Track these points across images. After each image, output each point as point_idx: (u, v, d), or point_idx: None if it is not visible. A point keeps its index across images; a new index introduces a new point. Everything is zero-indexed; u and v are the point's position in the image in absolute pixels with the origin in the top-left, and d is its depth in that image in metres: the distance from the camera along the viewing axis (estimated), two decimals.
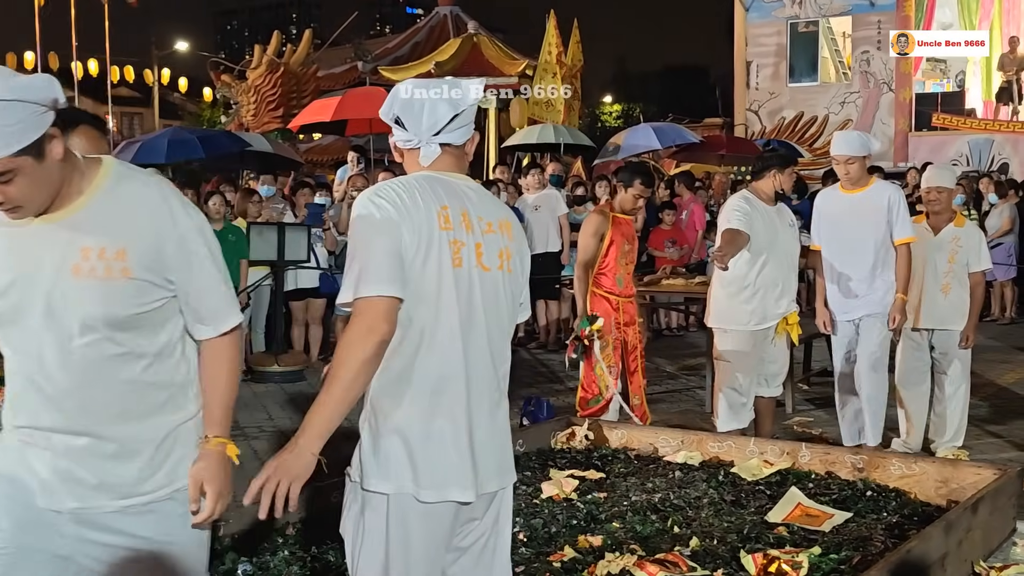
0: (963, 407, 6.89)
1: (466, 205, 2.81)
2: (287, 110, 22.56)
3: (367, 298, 2.62)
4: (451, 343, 2.74)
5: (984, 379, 9.52)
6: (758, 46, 24.82)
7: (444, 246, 2.72)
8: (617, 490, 5.36)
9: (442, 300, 2.72)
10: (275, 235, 10.29)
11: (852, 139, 6.56)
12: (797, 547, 4.46)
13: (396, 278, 2.65)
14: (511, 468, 2.94)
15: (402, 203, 2.69)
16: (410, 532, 2.73)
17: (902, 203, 6.55)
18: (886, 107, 23.36)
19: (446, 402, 2.74)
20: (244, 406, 8.99)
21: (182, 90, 35.39)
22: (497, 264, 2.84)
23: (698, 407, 8.54)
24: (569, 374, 9.98)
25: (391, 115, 2.86)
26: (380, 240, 2.65)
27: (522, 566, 4.31)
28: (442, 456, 2.73)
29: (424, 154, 2.84)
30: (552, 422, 6.67)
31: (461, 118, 2.85)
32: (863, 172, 6.60)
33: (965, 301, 6.75)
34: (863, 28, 23.76)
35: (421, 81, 2.91)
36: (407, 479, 2.70)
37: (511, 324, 2.94)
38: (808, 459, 5.69)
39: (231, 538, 4.50)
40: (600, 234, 6.74)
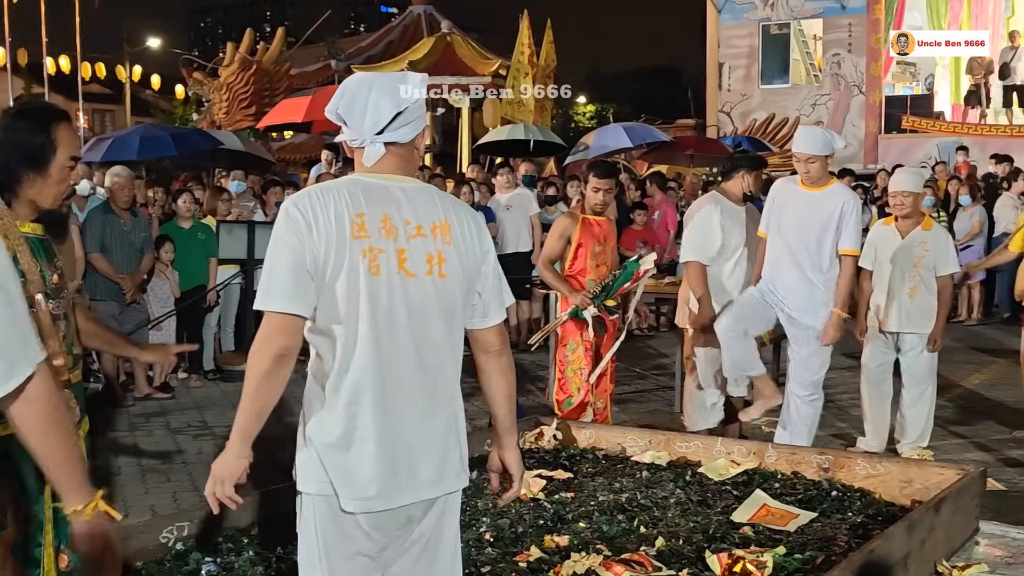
0: (929, 409, 6.92)
1: (389, 210, 2.74)
2: (259, 108, 22.46)
3: (267, 312, 2.69)
4: (367, 351, 2.70)
5: (949, 380, 9.60)
6: (730, 48, 24.93)
7: (357, 255, 2.68)
8: (584, 490, 5.38)
9: (355, 309, 2.69)
10: (245, 233, 10.25)
11: (816, 136, 6.34)
12: (762, 547, 4.49)
13: (294, 295, 2.66)
14: (457, 473, 2.87)
15: (312, 215, 2.67)
16: (335, 535, 2.74)
17: (855, 213, 6.33)
18: (856, 109, 23.51)
19: (362, 411, 2.71)
20: (213, 405, 8.96)
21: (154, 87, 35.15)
22: (425, 270, 2.76)
23: (667, 407, 8.56)
24: (538, 374, 9.99)
25: (335, 114, 2.82)
26: (285, 254, 2.66)
27: (488, 566, 4.31)
28: (360, 465, 2.70)
29: (368, 154, 2.80)
30: (520, 422, 6.66)
31: (405, 115, 2.78)
32: (824, 172, 6.38)
33: (932, 304, 6.76)
34: (834, 31, 23.91)
35: (366, 77, 2.84)
36: (327, 483, 2.71)
37: (451, 328, 2.84)
38: (774, 459, 5.72)
39: (196, 538, 4.48)
40: (566, 236, 6.66)
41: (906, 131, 22.49)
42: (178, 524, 4.49)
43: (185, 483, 6.61)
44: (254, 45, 23.94)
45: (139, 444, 7.66)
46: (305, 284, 2.67)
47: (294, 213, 2.69)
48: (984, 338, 12.28)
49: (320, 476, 2.72)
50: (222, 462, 2.74)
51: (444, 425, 2.83)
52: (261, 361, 2.68)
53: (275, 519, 4.55)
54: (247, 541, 4.52)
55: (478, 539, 4.63)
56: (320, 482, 2.72)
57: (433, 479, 2.80)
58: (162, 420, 8.45)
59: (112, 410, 8.61)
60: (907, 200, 6.76)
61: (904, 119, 22.48)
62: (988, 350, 11.34)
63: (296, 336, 2.70)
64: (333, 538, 2.75)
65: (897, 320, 6.78)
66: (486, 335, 2.94)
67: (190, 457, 7.23)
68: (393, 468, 2.73)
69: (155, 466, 7.02)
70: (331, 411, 2.72)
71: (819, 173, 6.31)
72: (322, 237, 2.66)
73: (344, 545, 2.75)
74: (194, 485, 6.54)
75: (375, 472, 2.71)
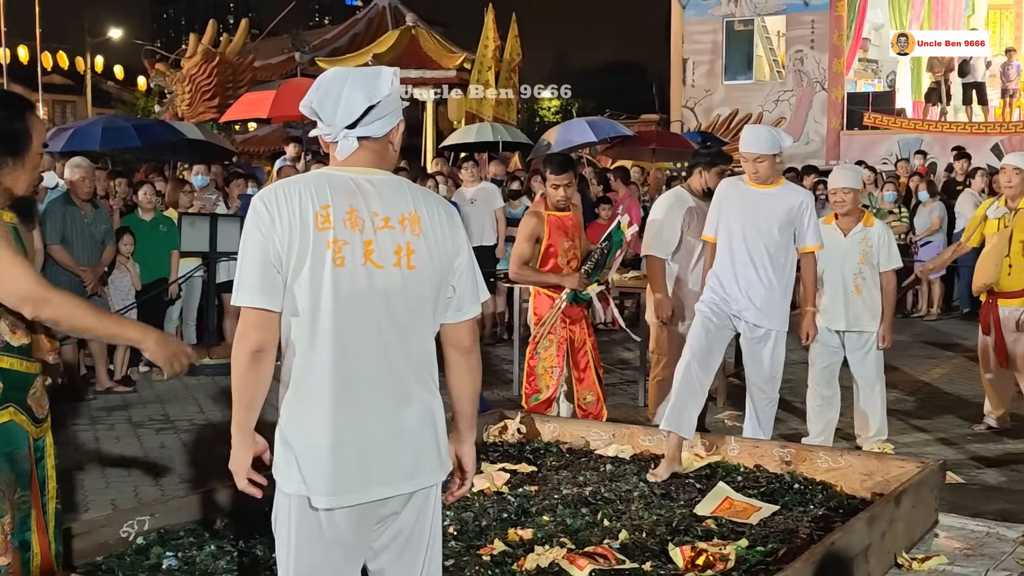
0: (882, 404, 6.88)
1: (356, 202, 2.74)
2: (223, 100, 22.30)
3: (242, 307, 2.71)
4: (331, 342, 2.70)
5: (910, 375, 9.70)
6: (694, 44, 25.01)
7: (321, 246, 2.68)
8: (548, 483, 5.38)
9: (320, 302, 2.69)
10: (207, 226, 10.18)
11: (762, 136, 6.09)
12: (725, 539, 4.52)
13: (263, 288, 2.68)
14: (435, 466, 2.85)
15: (276, 208, 2.68)
16: (309, 532, 2.73)
17: (813, 210, 6.19)
18: (819, 106, 23.67)
19: (331, 405, 2.70)
20: (175, 398, 8.89)
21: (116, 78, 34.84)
22: (392, 261, 2.75)
23: (631, 401, 8.59)
24: (503, 368, 10.00)
25: (309, 108, 2.81)
26: (252, 249, 2.69)
27: (452, 560, 4.31)
28: (331, 461, 2.70)
29: (340, 148, 2.79)
30: (485, 416, 6.66)
31: (378, 110, 2.76)
32: (773, 170, 6.15)
33: (877, 301, 6.72)
34: (797, 27, 24.05)
35: (340, 72, 2.83)
36: (300, 481, 2.71)
37: (421, 320, 2.82)
38: (737, 452, 5.75)
39: (157, 532, 4.45)
40: (534, 237, 6.53)
41: (868, 128, 22.67)
42: (139, 518, 4.46)
43: (146, 477, 6.56)
44: (217, 37, 23.76)
45: (100, 438, 7.59)
46: (272, 278, 2.68)
47: (259, 207, 2.70)
48: (944, 333, 12.41)
49: (296, 474, 2.71)
50: (231, 458, 2.80)
51: (417, 418, 2.81)
52: (240, 357, 2.72)
53: (237, 513, 4.53)
54: (209, 535, 4.49)
55: (442, 532, 4.62)
56: (295, 480, 2.72)
57: (407, 473, 2.78)
58: (124, 414, 8.37)
59: (73, 403, 8.52)
60: (847, 197, 6.68)
61: (866, 116, 22.65)
62: (948, 345, 11.46)
63: (271, 330, 2.71)
64: (306, 537, 2.74)
65: (843, 318, 6.73)
66: (458, 330, 2.93)
67: (152, 451, 7.18)
68: (363, 463, 2.72)
69: (116, 460, 6.96)
70: (300, 406, 2.73)
71: (768, 172, 6.10)
72: (285, 229, 2.67)
73: (318, 544, 2.74)
74: (156, 479, 6.49)
75: (344, 467, 2.70)
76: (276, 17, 28.87)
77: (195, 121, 20.93)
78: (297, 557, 2.75)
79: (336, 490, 2.70)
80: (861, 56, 24.65)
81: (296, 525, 2.74)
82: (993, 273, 7.09)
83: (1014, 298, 7.12)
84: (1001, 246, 7.08)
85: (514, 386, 8.99)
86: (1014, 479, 6.34)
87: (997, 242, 7.11)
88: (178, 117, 21.61)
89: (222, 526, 4.57)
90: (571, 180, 6.56)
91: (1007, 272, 7.08)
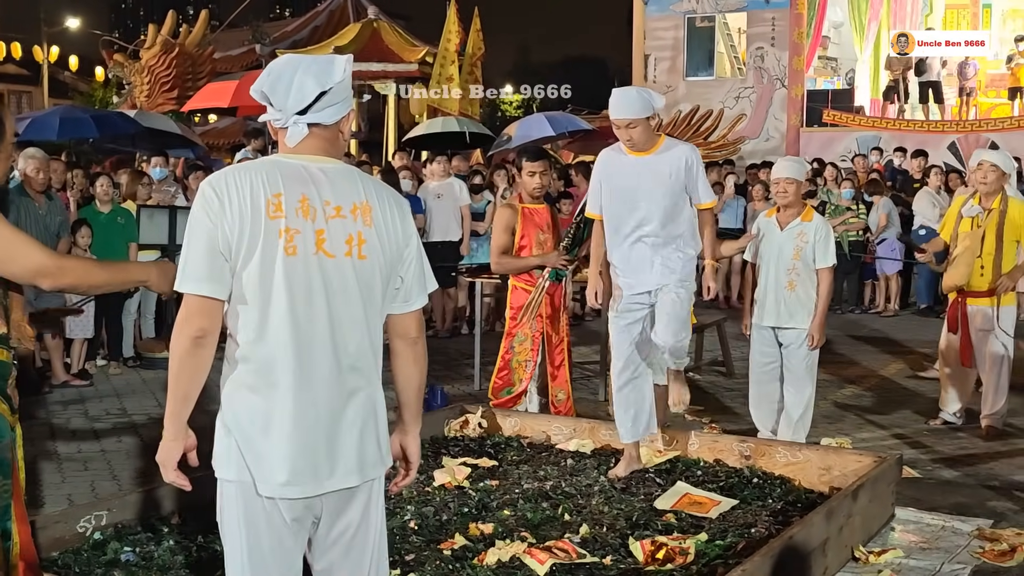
0: (809, 406, 6.64)
1: (308, 190, 2.71)
2: (182, 92, 22.09)
3: (185, 294, 2.68)
4: (280, 332, 2.67)
5: (867, 369, 9.79)
6: (656, 40, 25.05)
7: (273, 235, 2.66)
8: (509, 478, 5.40)
9: (271, 290, 2.66)
10: (166, 219, 10.08)
11: (632, 99, 5.48)
12: (684, 533, 4.55)
13: (210, 276, 2.65)
14: (376, 461, 2.82)
15: (227, 194, 2.65)
16: (257, 520, 2.71)
17: (700, 163, 5.68)
18: (779, 102, 23.78)
19: (279, 395, 2.68)
20: (132, 392, 8.81)
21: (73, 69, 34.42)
22: (344, 251, 2.73)
23: (591, 396, 8.61)
24: (463, 362, 10.00)
25: (260, 92, 2.78)
26: (199, 236, 2.66)
27: (412, 554, 4.30)
28: (277, 450, 2.67)
29: (291, 134, 2.76)
30: (446, 410, 6.67)
31: (329, 96, 2.73)
32: (649, 133, 5.58)
33: (812, 298, 6.54)
34: (758, 24, 24.15)
35: (293, 58, 2.80)
36: (245, 469, 2.69)
37: (371, 311, 2.80)
38: (697, 447, 5.79)
39: (114, 527, 4.42)
40: (510, 228, 6.60)
41: (827, 125, 22.82)
42: (96, 513, 4.43)
43: (103, 472, 6.49)
44: (177, 27, 23.53)
45: (56, 432, 7.51)
46: (220, 265, 2.65)
47: (209, 193, 2.67)
48: (901, 329, 12.53)
49: (239, 462, 2.69)
50: (160, 448, 2.75)
51: (363, 411, 2.79)
52: (180, 342, 2.68)
53: (196, 507, 4.50)
54: (167, 530, 4.47)
55: (402, 527, 4.62)
56: (239, 468, 2.69)
57: (352, 467, 2.75)
58: (80, 408, 8.29)
59: (28, 397, 8.42)
60: (790, 187, 6.53)
61: (825, 113, 22.79)
62: (905, 340, 11.57)
63: (214, 318, 2.68)
64: (254, 525, 2.71)
65: (775, 314, 6.58)
66: (405, 320, 2.91)
67: (108, 445, 7.11)
68: (311, 454, 2.70)
69: (72, 455, 6.89)
70: (248, 395, 2.69)
71: (644, 136, 5.54)
72: (236, 217, 2.64)
73: (266, 532, 2.71)
74: (113, 474, 6.43)
75: (292, 457, 2.67)
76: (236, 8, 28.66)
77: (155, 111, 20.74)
78: (249, 541, 2.72)
79: (283, 480, 2.67)
80: (821, 54, 24.80)
81: (244, 511, 2.71)
82: (965, 274, 7.10)
83: (983, 297, 7.17)
84: (974, 246, 7.08)
85: (475, 380, 8.99)
86: (969, 474, 6.42)
87: (970, 243, 7.10)
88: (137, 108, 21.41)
89: (180, 521, 4.54)
90: (546, 168, 6.65)
91: (979, 272, 7.10)
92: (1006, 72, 22.86)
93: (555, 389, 6.69)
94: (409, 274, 2.88)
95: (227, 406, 2.72)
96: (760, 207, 12.88)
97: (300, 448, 2.68)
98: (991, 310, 7.16)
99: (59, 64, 34.92)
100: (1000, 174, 7.09)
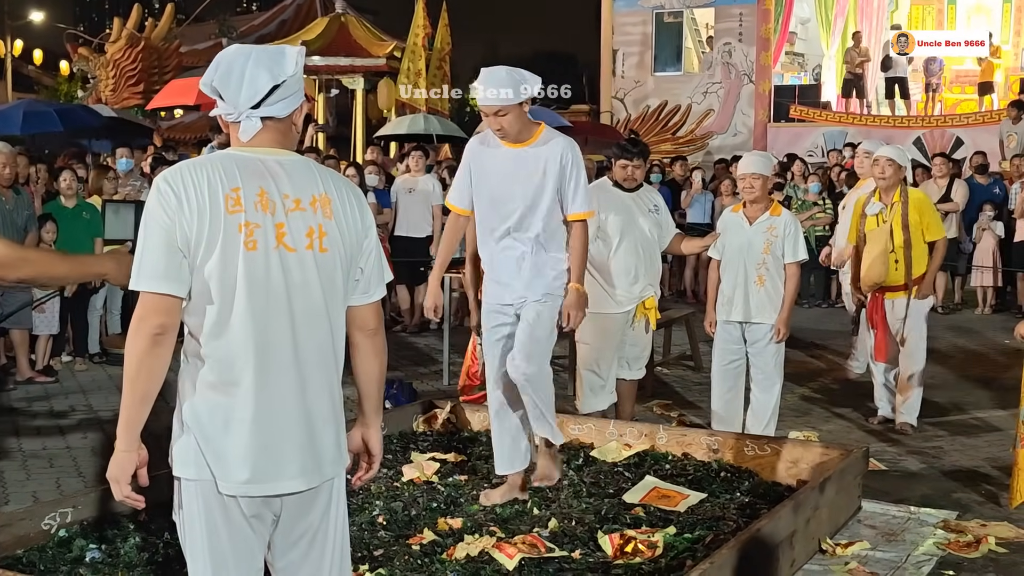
0: (776, 401, 6.65)
1: (266, 184, 2.67)
2: (148, 86, 21.94)
3: (141, 292, 2.60)
4: (241, 328, 2.62)
5: (834, 363, 9.84)
6: (624, 35, 25.11)
7: (233, 230, 2.61)
8: (478, 473, 5.39)
9: (230, 285, 2.61)
10: (132, 214, 9.97)
11: (501, 80, 4.86)
12: (653, 527, 4.56)
13: (168, 274, 2.58)
14: (335, 459, 2.79)
15: (184, 190, 2.60)
16: (216, 518, 2.66)
17: (579, 165, 5.01)
18: (746, 98, 23.90)
19: (241, 392, 2.63)
20: (98, 389, 8.74)
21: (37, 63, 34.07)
22: (305, 244, 2.69)
23: (560, 390, 8.60)
24: (433, 357, 9.98)
25: (209, 86, 2.72)
26: (156, 232, 2.59)
27: (381, 550, 4.30)
28: (237, 448, 2.63)
29: (244, 128, 2.71)
30: (414, 405, 6.66)
31: (283, 89, 2.69)
32: (523, 121, 4.91)
33: (780, 292, 6.52)
34: (725, 20, 24.26)
35: (242, 49, 2.74)
36: (205, 467, 2.64)
37: (335, 305, 2.77)
38: (665, 441, 5.81)
39: (80, 524, 4.38)
40: None
41: (794, 120, 22.97)
42: (61, 510, 4.39)
43: (69, 469, 6.44)
44: (142, 21, 23.35)
45: (20, 429, 7.44)
46: (177, 263, 2.59)
47: (164, 189, 2.61)
48: None
49: (198, 460, 2.64)
50: (112, 461, 2.65)
51: (323, 408, 2.75)
52: (137, 341, 2.59)
53: (162, 505, 4.46)
54: (133, 527, 4.43)
55: (371, 522, 4.61)
56: (198, 466, 2.64)
57: (312, 466, 2.72)
58: (45, 404, 8.21)
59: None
60: (756, 183, 6.50)
61: (792, 108, 22.95)
62: None
63: (173, 315, 2.61)
64: (214, 523, 2.67)
65: (743, 309, 6.55)
66: (365, 312, 2.87)
67: (74, 442, 7.05)
68: (272, 451, 2.66)
69: (37, 451, 6.82)
70: (207, 393, 2.64)
71: (518, 126, 4.88)
72: (194, 213, 2.59)
73: (225, 529, 2.67)
74: (78, 471, 6.38)
75: (253, 455, 2.64)
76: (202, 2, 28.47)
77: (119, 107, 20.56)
78: (210, 540, 2.67)
79: (244, 478, 2.63)
80: (788, 49, 24.95)
81: (204, 509, 2.66)
82: (882, 272, 7.10)
83: (900, 290, 7.21)
84: (884, 242, 7.11)
85: (444, 376, 8.98)
86: (934, 465, 6.48)
87: (880, 240, 7.12)
88: (102, 103, 21.23)
89: (146, 518, 4.51)
90: None
91: (894, 267, 7.14)
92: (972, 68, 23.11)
93: None
94: (368, 265, 2.85)
95: (186, 404, 2.67)
96: (728, 202, 12.92)
97: (261, 446, 2.64)
98: (907, 301, 7.19)
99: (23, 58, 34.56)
100: (897, 167, 7.16)
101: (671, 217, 7.10)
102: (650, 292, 6.61)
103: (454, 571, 4.11)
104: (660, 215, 6.75)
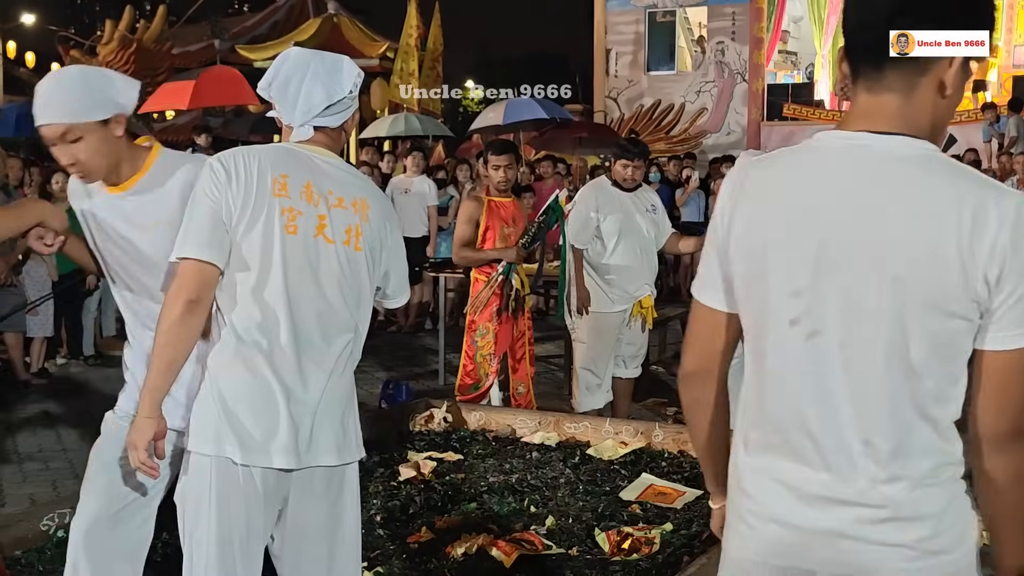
0: None
1: (313, 178, 2.78)
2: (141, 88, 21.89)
3: (184, 259, 2.66)
4: (276, 306, 2.70)
5: None
6: (617, 34, 25.13)
7: (275, 211, 2.70)
8: (475, 471, 5.40)
9: (268, 263, 2.69)
10: None
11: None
12: (650, 524, 4.57)
13: (212, 243, 2.65)
14: (353, 446, 2.87)
15: (234, 167, 2.69)
16: (229, 493, 2.69)
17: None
18: (740, 97, 23.93)
19: (268, 366, 2.70)
20: (93, 390, 8.74)
21: (29, 65, 33.99)
22: (343, 239, 2.79)
23: (556, 389, 8.63)
24: (429, 357, 9.99)
25: (268, 94, 2.85)
26: (204, 205, 2.67)
27: (378, 549, 4.30)
28: (262, 419, 2.68)
29: (296, 135, 2.84)
30: (411, 404, 6.66)
31: (338, 105, 2.83)
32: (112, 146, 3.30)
33: None
34: (718, 19, 24.28)
35: (302, 58, 2.84)
36: (225, 440, 2.67)
37: (359, 300, 2.86)
38: (662, 439, 5.81)
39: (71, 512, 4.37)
40: (473, 220, 6.58)
41: (787, 119, 23.00)
42: (59, 512, 4.39)
43: (65, 471, 6.44)
44: (134, 23, 23.33)
45: (16, 431, 7.44)
46: (221, 234, 2.67)
47: (217, 167, 2.71)
48: None
49: (218, 436, 2.67)
50: (132, 427, 2.70)
51: (344, 396, 2.84)
52: (172, 309, 2.64)
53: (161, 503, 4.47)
54: None
55: (368, 521, 4.61)
56: (218, 442, 2.68)
57: (334, 446, 2.79)
58: (40, 406, 8.21)
59: None
60: None
61: (785, 107, 22.99)
62: None
63: (210, 286, 2.67)
64: (225, 497, 2.69)
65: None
66: None
67: (70, 444, 7.05)
68: (296, 428, 2.71)
69: (33, 454, 6.82)
70: (237, 370, 2.69)
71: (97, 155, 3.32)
72: (241, 188, 2.68)
73: (238, 507, 2.70)
74: (74, 472, 6.37)
75: (278, 430, 2.69)
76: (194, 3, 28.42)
77: None
78: (219, 519, 2.69)
79: (265, 451, 2.67)
80: (781, 48, 25.00)
81: (216, 484, 2.69)
82: None
83: None
84: None
85: (440, 375, 8.98)
86: None
87: None
88: None
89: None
90: (511, 161, 6.64)
91: None
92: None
93: (515, 382, 6.70)
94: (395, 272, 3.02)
95: (212, 380, 2.71)
96: None
97: (286, 422, 2.69)
98: None
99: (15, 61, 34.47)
100: None
101: (667, 217, 7.13)
102: (647, 291, 6.65)
103: (452, 569, 4.11)
104: (657, 215, 6.79)
